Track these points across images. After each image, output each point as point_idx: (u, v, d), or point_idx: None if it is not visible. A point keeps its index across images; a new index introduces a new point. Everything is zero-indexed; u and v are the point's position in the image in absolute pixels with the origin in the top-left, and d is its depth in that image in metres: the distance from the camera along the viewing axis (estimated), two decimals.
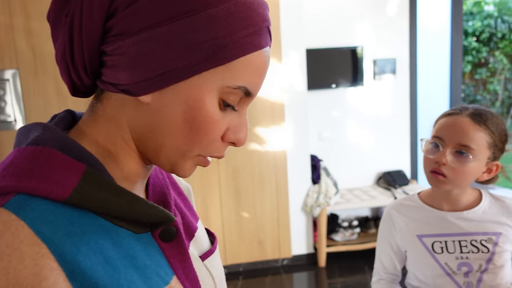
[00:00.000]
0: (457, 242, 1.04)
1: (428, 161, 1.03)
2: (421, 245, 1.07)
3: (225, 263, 3.14)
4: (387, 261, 1.18)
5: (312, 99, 3.41)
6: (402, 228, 1.11)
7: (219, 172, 3.01)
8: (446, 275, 1.04)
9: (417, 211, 1.11)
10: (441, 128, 1.02)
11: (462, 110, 1.01)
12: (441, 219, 1.07)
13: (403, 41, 3.49)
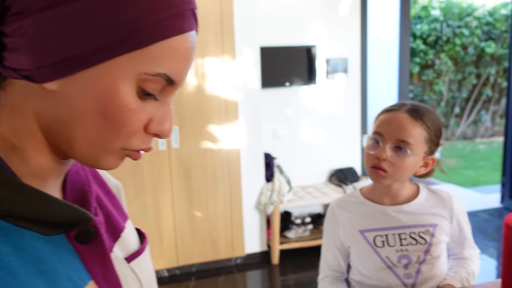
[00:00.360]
0: (397, 235, 1.07)
1: (369, 156, 1.05)
2: (363, 240, 1.09)
3: (177, 264, 3.07)
4: (331, 258, 1.18)
5: (266, 97, 3.42)
6: (345, 224, 1.13)
7: (171, 171, 2.93)
8: (387, 268, 1.07)
9: (359, 206, 1.13)
10: (380, 124, 1.05)
11: (401, 106, 1.04)
12: (382, 213, 1.09)
13: (354, 41, 3.57)
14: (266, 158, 3.28)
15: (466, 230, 1.15)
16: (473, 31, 8.61)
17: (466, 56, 8.71)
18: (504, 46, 8.66)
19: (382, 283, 1.08)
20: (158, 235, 3.00)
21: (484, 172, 6.33)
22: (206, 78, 2.90)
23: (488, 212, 4.22)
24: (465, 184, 5.71)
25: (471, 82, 8.99)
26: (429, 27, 8.45)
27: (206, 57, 2.87)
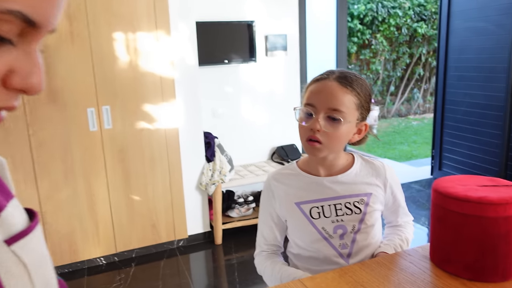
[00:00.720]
0: (333, 206, 1.06)
1: (303, 129, 1.02)
2: (299, 212, 1.07)
3: (115, 251, 2.94)
4: (268, 232, 1.16)
5: (204, 75, 3.31)
6: (281, 197, 1.10)
7: (104, 154, 2.76)
8: (323, 239, 1.06)
9: (295, 178, 1.11)
10: (311, 94, 1.02)
11: (329, 75, 1.02)
12: (318, 185, 1.08)
13: (293, 18, 3.55)
14: (207, 137, 3.20)
15: (399, 199, 1.17)
16: (406, 12, 8.97)
17: (400, 36, 9.08)
18: (434, 27, 9.13)
19: (319, 254, 1.07)
20: (93, 222, 2.84)
21: (416, 146, 6.70)
22: (139, 54, 2.74)
23: (420, 183, 4.47)
24: (400, 158, 6.00)
25: (405, 62, 9.42)
26: (366, 8, 8.68)
27: (138, 31, 2.70)
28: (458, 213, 0.87)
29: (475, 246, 0.86)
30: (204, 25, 3.18)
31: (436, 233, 0.94)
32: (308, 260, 1.10)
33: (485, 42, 3.78)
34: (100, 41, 2.62)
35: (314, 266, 1.09)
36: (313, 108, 1.00)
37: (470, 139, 4.06)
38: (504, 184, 0.91)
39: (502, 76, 3.63)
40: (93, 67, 2.63)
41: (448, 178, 0.98)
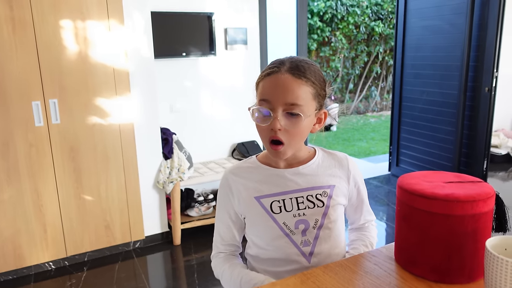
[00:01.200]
0: (294, 199, 1.00)
1: (263, 129, 0.95)
2: (259, 206, 1.00)
3: (66, 255, 2.76)
4: (225, 231, 1.08)
5: (161, 68, 3.17)
6: (240, 192, 1.03)
7: (51, 151, 2.57)
8: (284, 235, 1.00)
9: (254, 171, 1.04)
10: (264, 91, 0.94)
11: (280, 66, 0.94)
12: (279, 177, 1.02)
13: (253, 11, 3.47)
14: (164, 134, 3.07)
15: (363, 193, 1.13)
16: (364, 10, 9.14)
17: (358, 35, 9.25)
18: (391, 26, 9.37)
19: (279, 253, 1.01)
20: (40, 224, 2.64)
21: (374, 143, 6.84)
22: (89, 44, 2.56)
23: (378, 179, 4.55)
24: (359, 154, 6.10)
25: (363, 60, 9.61)
26: (325, 5, 8.76)
27: (88, 20, 2.53)
28: (424, 212, 0.83)
29: (441, 246, 0.82)
30: (160, 15, 3.04)
31: (402, 233, 0.90)
32: (267, 261, 1.03)
33: (440, 40, 3.87)
34: (46, 29, 2.43)
35: (274, 268, 1.02)
36: (269, 105, 0.92)
37: (426, 135, 4.16)
38: (470, 180, 0.88)
39: (456, 74, 3.74)
40: (38, 56, 2.43)
41: (413, 175, 0.94)
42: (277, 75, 0.92)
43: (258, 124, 0.95)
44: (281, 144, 0.93)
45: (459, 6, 3.63)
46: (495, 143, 4.83)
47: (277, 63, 0.95)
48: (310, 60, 0.99)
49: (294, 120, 0.92)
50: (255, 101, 0.98)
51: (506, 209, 0.86)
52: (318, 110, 0.98)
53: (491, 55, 3.62)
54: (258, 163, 1.05)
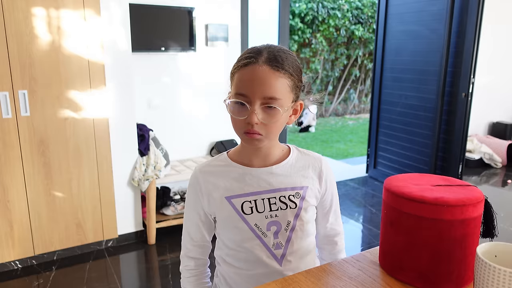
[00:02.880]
0: (267, 200, 0.95)
1: (239, 122, 0.90)
2: (230, 207, 0.95)
3: (33, 253, 2.63)
4: (194, 232, 1.03)
5: (139, 62, 3.08)
6: (211, 192, 0.97)
7: (20, 145, 2.45)
8: (256, 237, 0.95)
9: (226, 170, 0.98)
10: (241, 83, 0.88)
11: (257, 57, 0.88)
12: (251, 176, 0.97)
13: (235, 8, 3.41)
14: (140, 130, 2.98)
15: (334, 198, 1.07)
16: (344, 14, 9.21)
17: (338, 38, 9.31)
18: (370, 30, 9.48)
19: (250, 256, 0.96)
20: (6, 221, 2.51)
21: (352, 145, 6.89)
22: (63, 34, 2.45)
23: (355, 181, 4.57)
24: (337, 156, 6.13)
25: (342, 62, 9.69)
26: (307, 6, 8.78)
27: (62, 8, 2.41)
28: (412, 216, 0.80)
29: (429, 252, 0.79)
30: (139, 7, 2.94)
31: (388, 237, 0.86)
32: (237, 262, 0.99)
33: (419, 45, 3.91)
34: (16, 16, 2.30)
35: (243, 270, 0.98)
36: (246, 98, 0.87)
37: (403, 139, 4.20)
38: (458, 183, 0.86)
39: (434, 79, 3.78)
40: (6, 45, 2.30)
41: (401, 177, 0.91)
42: (255, 67, 0.87)
43: (233, 117, 0.90)
44: (258, 134, 0.90)
45: (439, 12, 3.68)
46: (469, 148, 4.94)
47: (254, 53, 0.89)
48: (287, 48, 0.94)
49: (271, 113, 0.88)
50: (230, 92, 0.92)
51: (495, 214, 0.84)
52: (294, 101, 0.94)
53: (468, 61, 3.69)
54: (229, 161, 1.00)
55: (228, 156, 1.01)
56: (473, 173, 4.73)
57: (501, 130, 5.30)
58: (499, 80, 5.23)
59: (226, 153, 1.02)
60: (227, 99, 0.91)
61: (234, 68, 0.91)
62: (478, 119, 5.22)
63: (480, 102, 5.01)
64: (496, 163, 4.95)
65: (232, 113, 0.90)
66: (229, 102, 0.90)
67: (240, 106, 0.88)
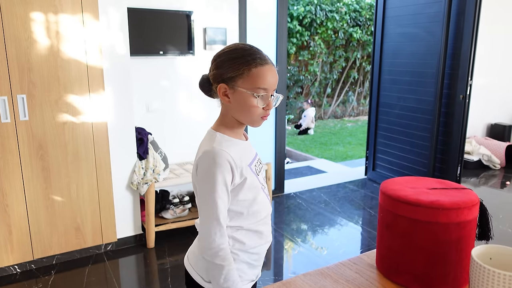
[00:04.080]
0: (257, 161, 1.17)
1: (257, 109, 1.05)
2: (251, 172, 1.11)
3: (32, 258, 2.63)
4: (225, 209, 1.06)
5: (137, 66, 3.09)
6: (239, 162, 1.07)
7: (18, 149, 2.45)
8: (262, 190, 1.15)
9: (236, 146, 1.10)
10: (263, 79, 1.04)
11: (267, 59, 1.07)
12: (247, 147, 1.15)
13: (233, 12, 3.43)
14: (139, 133, 2.98)
15: None
16: (343, 16, 9.24)
17: (336, 40, 9.34)
18: (368, 32, 9.51)
19: (260, 205, 1.14)
20: (5, 226, 2.51)
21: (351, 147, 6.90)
22: (62, 39, 2.46)
23: (354, 183, 4.57)
24: (336, 158, 6.13)
25: (341, 65, 9.71)
26: (305, 9, 8.80)
27: (61, 13, 2.42)
28: (408, 219, 0.80)
29: (425, 255, 0.80)
30: (137, 11, 2.96)
31: (384, 240, 0.87)
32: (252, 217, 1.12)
33: (417, 47, 3.93)
34: (15, 21, 2.31)
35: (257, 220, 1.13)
36: (265, 91, 1.05)
37: (402, 141, 4.21)
38: (453, 187, 0.86)
39: (432, 81, 3.79)
40: (5, 49, 2.31)
41: (396, 180, 0.92)
42: (271, 67, 1.06)
43: (254, 105, 1.04)
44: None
45: (436, 15, 3.69)
46: (468, 150, 4.95)
47: (261, 54, 1.06)
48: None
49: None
50: (238, 85, 1.04)
51: (490, 217, 0.84)
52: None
53: (466, 63, 3.70)
54: (230, 138, 1.11)
55: (225, 134, 1.11)
56: (472, 175, 4.73)
57: (500, 131, 5.31)
58: (498, 81, 5.25)
59: (221, 134, 1.10)
60: (258, 94, 1.03)
61: (248, 64, 1.03)
62: (477, 120, 5.23)
63: (479, 104, 5.02)
64: (495, 165, 4.96)
65: (251, 103, 1.04)
66: (261, 95, 1.04)
67: (257, 97, 1.04)
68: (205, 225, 1.04)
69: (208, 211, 1.04)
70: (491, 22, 4.84)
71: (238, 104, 1.05)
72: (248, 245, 1.12)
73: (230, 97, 1.05)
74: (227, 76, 1.04)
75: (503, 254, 0.72)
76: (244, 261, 1.12)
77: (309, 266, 2.82)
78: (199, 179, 1.05)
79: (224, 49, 1.09)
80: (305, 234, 3.30)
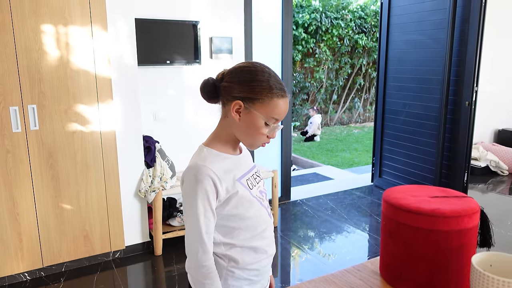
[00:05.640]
0: (252, 175, 1.15)
1: (261, 136, 1.06)
2: (241, 186, 1.08)
3: (42, 265, 2.67)
4: (209, 225, 1.04)
5: (145, 76, 3.14)
6: (225, 178, 1.05)
7: (29, 158, 2.50)
8: (259, 204, 1.12)
9: (223, 161, 1.09)
10: (277, 110, 1.04)
11: (287, 91, 1.07)
12: (239, 160, 1.13)
13: (238, 21, 3.47)
14: (147, 142, 3.02)
15: None
16: (348, 23, 9.28)
17: (342, 47, 9.37)
18: (374, 39, 9.53)
19: (258, 220, 1.12)
20: (16, 234, 2.55)
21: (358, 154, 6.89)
22: (71, 50, 2.51)
23: (361, 190, 4.57)
24: (342, 165, 6.13)
25: (346, 72, 9.73)
26: (310, 17, 8.85)
27: (71, 25, 2.48)
28: (410, 226, 0.82)
29: (427, 262, 0.81)
30: (144, 22, 3.01)
31: (387, 248, 0.89)
32: (248, 232, 1.09)
33: (422, 54, 3.94)
34: (26, 33, 2.37)
35: (254, 235, 1.10)
36: (275, 121, 1.07)
37: (408, 147, 4.21)
38: (455, 195, 0.88)
39: (437, 88, 3.80)
40: (17, 61, 2.37)
41: (399, 189, 0.93)
42: (286, 101, 1.07)
43: (262, 132, 1.06)
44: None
45: (441, 21, 3.71)
46: (475, 156, 4.93)
47: (283, 85, 1.07)
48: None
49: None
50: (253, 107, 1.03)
51: (491, 225, 0.86)
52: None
53: (471, 70, 3.70)
54: (219, 153, 1.09)
55: (214, 149, 1.10)
56: (480, 181, 4.71)
57: (507, 137, 5.28)
58: (505, 87, 5.23)
59: (209, 149, 1.09)
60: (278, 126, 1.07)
61: (270, 93, 1.03)
62: (484, 126, 5.21)
63: (486, 110, 5.01)
64: (503, 171, 4.94)
65: (260, 129, 1.05)
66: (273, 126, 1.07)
67: (268, 125, 1.05)
68: (188, 241, 1.04)
69: (191, 227, 1.03)
70: (498, 28, 4.85)
71: (246, 125, 1.05)
72: (244, 262, 1.09)
73: (241, 116, 1.04)
74: (246, 95, 1.02)
75: (504, 261, 0.74)
76: (242, 277, 1.09)
77: (316, 273, 2.83)
78: (182, 194, 1.05)
79: (247, 65, 1.05)
80: (312, 241, 3.30)
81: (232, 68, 1.06)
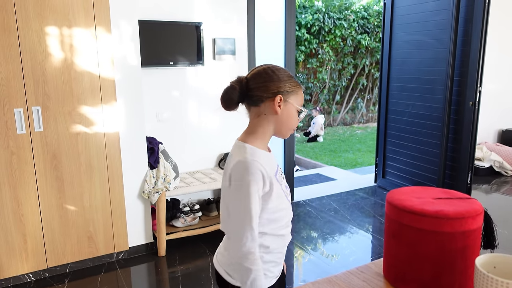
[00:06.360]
0: (280, 171, 1.23)
1: (295, 122, 1.21)
2: (277, 182, 1.17)
3: (46, 266, 2.68)
4: (256, 214, 1.12)
5: (148, 77, 3.15)
6: (268, 173, 1.14)
7: (33, 160, 2.51)
8: (285, 197, 1.21)
9: (264, 157, 1.18)
10: (303, 100, 1.21)
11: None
12: (271, 158, 1.22)
13: (241, 22, 3.48)
14: (150, 143, 3.03)
15: None
16: (351, 24, 9.27)
17: (345, 47, 9.36)
18: (377, 39, 9.52)
19: (285, 212, 1.21)
20: (20, 235, 2.56)
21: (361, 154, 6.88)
22: (75, 52, 2.53)
23: (364, 190, 4.57)
24: (345, 166, 6.13)
25: (349, 72, 9.72)
26: (313, 17, 8.85)
27: (75, 27, 2.49)
28: (414, 228, 0.82)
29: (431, 263, 0.81)
30: (148, 24, 3.02)
31: (391, 249, 0.89)
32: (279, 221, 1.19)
33: (425, 55, 3.93)
34: (30, 35, 2.38)
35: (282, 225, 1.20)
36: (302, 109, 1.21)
37: (411, 148, 4.20)
38: (458, 196, 0.88)
39: (441, 88, 3.79)
40: (21, 63, 2.38)
41: (403, 190, 0.93)
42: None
43: (297, 118, 1.20)
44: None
45: (444, 22, 3.70)
46: (478, 156, 4.91)
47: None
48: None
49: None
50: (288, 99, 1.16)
51: (495, 226, 0.86)
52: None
53: (474, 70, 3.69)
54: (260, 150, 1.19)
55: (255, 146, 1.19)
56: (483, 181, 4.70)
57: (511, 137, 5.26)
58: (509, 88, 5.21)
59: (249, 146, 1.17)
60: (298, 106, 1.19)
61: (298, 85, 1.19)
62: (488, 127, 5.20)
63: (490, 110, 4.99)
64: (507, 171, 4.92)
65: (296, 116, 1.19)
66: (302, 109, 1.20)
67: (299, 113, 1.20)
68: (238, 229, 1.11)
69: (242, 216, 1.10)
70: (502, 28, 4.83)
71: (286, 116, 1.17)
72: (273, 248, 1.20)
73: (282, 108, 1.15)
74: (285, 89, 1.15)
75: (507, 263, 0.74)
76: (269, 261, 1.20)
77: (319, 274, 2.83)
78: (233, 187, 1.11)
79: (269, 66, 1.17)
80: (315, 242, 3.30)
81: (253, 73, 1.17)
